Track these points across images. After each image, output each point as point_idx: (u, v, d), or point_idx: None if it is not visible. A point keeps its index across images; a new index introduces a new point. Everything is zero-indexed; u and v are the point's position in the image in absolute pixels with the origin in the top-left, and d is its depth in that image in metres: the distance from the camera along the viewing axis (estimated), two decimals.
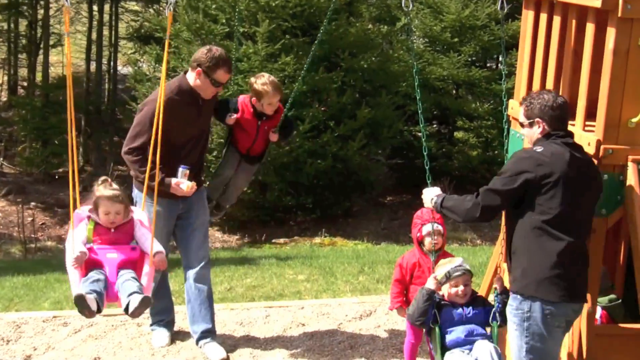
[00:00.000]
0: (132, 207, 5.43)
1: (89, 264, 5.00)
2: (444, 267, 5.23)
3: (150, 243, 5.14)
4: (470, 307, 5.13)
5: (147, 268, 5.11)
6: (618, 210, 4.79)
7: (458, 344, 5.01)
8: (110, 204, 5.12)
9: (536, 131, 4.75)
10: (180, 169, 5.91)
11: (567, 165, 4.56)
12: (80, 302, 4.74)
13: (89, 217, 5.18)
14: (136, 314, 4.84)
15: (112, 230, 5.14)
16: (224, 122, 6.48)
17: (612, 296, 5.37)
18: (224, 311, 7.46)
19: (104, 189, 5.20)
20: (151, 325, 6.77)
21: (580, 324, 4.84)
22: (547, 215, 4.54)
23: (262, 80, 6.32)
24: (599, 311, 5.19)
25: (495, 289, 5.19)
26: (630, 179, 4.67)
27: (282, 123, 6.56)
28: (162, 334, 6.69)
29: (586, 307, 4.79)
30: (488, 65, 17.98)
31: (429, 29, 16.91)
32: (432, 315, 5.07)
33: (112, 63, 22.04)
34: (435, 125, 18.19)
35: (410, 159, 17.15)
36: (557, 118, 4.68)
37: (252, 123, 6.45)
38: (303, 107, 14.52)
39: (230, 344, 6.70)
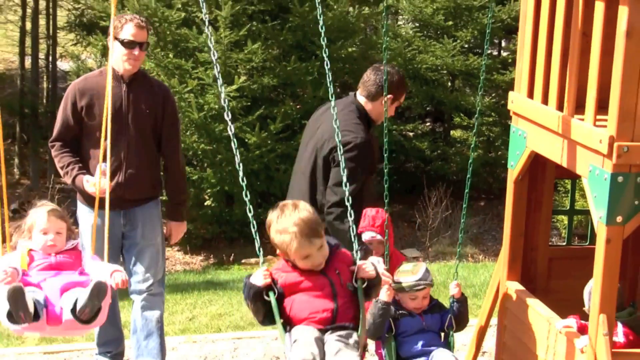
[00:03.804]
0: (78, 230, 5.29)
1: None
2: (405, 276, 5.50)
3: (102, 271, 4.72)
4: (429, 315, 5.54)
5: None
6: (636, 216, 4.80)
7: (414, 355, 5.43)
8: (48, 220, 4.81)
9: None
10: (99, 165, 5.58)
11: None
12: (15, 297, 4.34)
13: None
14: (86, 313, 4.48)
15: (53, 258, 4.77)
16: None
17: (631, 309, 5.43)
18: (186, 344, 7.47)
19: (39, 206, 4.95)
20: (96, 354, 6.79)
21: (596, 349, 4.87)
22: None
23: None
24: (619, 327, 5.22)
25: (453, 296, 5.59)
26: None
27: None
28: None
29: (600, 329, 4.82)
30: (488, 52, 18.06)
31: (419, 11, 16.97)
32: (387, 325, 5.42)
33: (50, 57, 21.94)
34: (428, 123, 18.27)
35: (400, 162, 17.19)
36: None
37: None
38: (274, 104, 14.54)
39: None
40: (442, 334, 5.59)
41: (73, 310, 4.48)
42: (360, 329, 4.42)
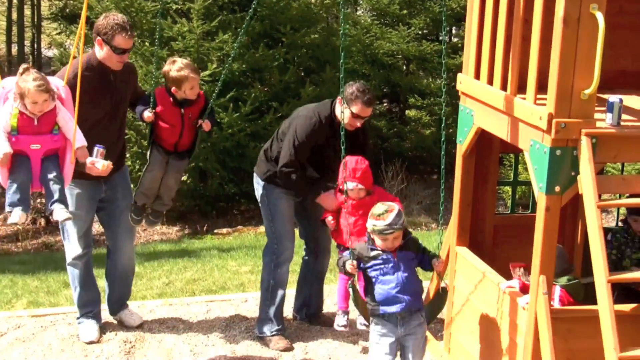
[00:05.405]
0: (56, 85, 5.65)
1: (15, 152, 5.44)
2: (375, 220, 5.38)
3: (70, 128, 5.53)
4: (403, 252, 5.44)
5: (68, 157, 5.58)
6: (573, 187, 4.85)
7: (388, 301, 5.36)
8: (37, 94, 5.37)
9: None
10: (96, 148, 5.92)
11: None
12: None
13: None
14: (58, 222, 5.58)
15: (36, 121, 5.44)
16: (142, 119, 6.51)
17: (570, 277, 5.46)
18: (162, 307, 7.46)
19: (27, 77, 5.41)
20: (78, 318, 6.83)
21: (536, 307, 4.92)
22: None
23: (177, 66, 6.37)
24: (557, 290, 5.27)
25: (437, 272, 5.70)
26: (584, 154, 4.72)
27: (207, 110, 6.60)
28: (91, 327, 6.74)
29: (540, 289, 4.88)
30: (440, 38, 18.07)
31: (376, 0, 16.95)
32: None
33: (35, 45, 21.76)
34: (385, 104, 18.28)
35: None
36: None
37: (175, 114, 6.46)
38: (243, 88, 14.49)
39: (170, 341, 6.70)
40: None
41: (50, 214, 5.50)
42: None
